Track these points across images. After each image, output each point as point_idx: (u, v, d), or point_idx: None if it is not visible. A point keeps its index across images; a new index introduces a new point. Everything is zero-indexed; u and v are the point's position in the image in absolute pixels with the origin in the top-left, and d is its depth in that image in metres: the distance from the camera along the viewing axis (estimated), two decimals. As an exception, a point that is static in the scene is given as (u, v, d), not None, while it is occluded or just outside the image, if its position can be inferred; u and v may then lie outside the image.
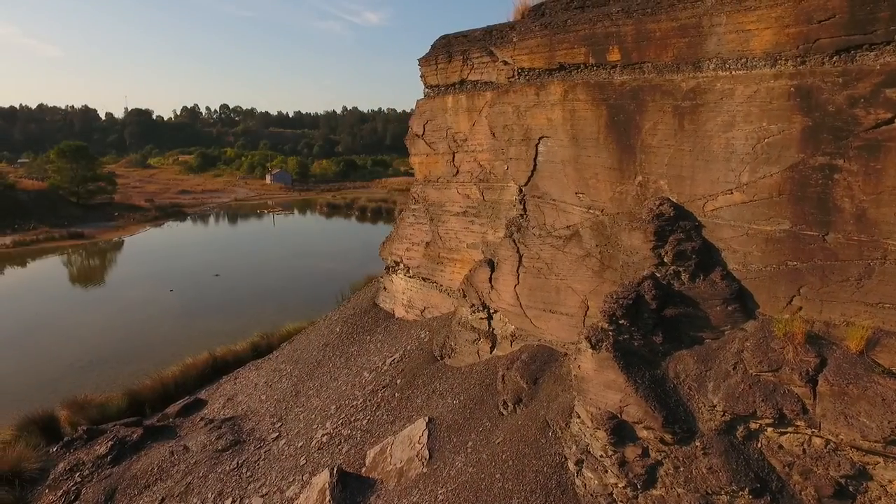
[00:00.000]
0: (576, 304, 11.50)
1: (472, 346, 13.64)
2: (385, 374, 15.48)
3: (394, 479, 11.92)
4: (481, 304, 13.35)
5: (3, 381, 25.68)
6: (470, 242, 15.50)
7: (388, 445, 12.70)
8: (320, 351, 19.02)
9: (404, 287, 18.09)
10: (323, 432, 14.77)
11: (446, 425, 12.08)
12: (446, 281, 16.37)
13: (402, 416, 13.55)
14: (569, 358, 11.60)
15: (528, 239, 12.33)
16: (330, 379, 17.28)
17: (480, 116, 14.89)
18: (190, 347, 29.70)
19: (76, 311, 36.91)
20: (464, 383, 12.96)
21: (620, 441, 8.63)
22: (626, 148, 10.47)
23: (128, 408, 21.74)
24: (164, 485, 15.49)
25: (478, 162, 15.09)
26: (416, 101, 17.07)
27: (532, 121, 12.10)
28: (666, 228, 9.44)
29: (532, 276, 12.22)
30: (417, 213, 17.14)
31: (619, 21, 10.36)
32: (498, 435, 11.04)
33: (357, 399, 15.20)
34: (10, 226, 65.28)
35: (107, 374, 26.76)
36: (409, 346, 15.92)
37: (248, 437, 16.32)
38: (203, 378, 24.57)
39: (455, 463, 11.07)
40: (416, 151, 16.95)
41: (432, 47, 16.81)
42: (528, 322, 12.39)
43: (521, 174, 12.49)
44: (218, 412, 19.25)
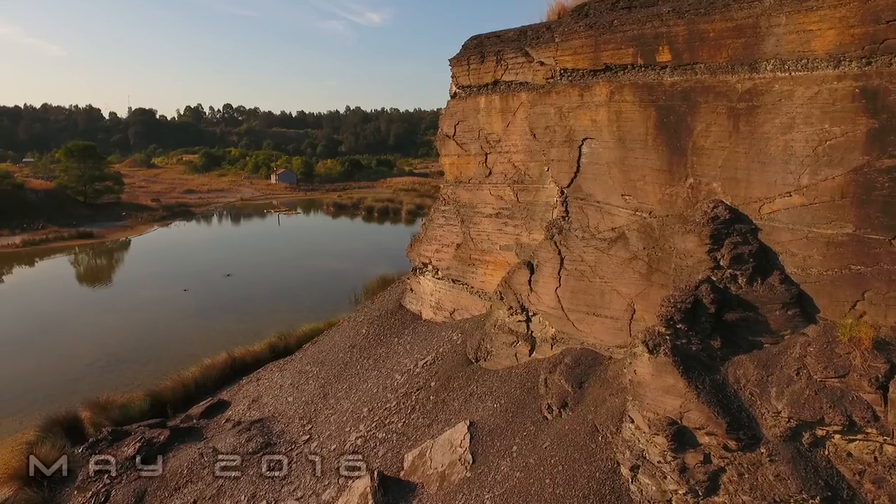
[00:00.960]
0: (621, 307, 11.39)
1: (509, 349, 13.54)
2: (418, 376, 15.38)
3: (435, 483, 11.82)
4: (520, 306, 13.24)
5: (23, 381, 25.63)
6: (503, 244, 15.39)
7: (427, 449, 12.60)
8: (347, 352, 18.93)
9: (432, 289, 17.99)
10: (357, 435, 14.68)
11: (488, 429, 11.98)
12: (478, 283, 16.27)
13: (440, 419, 13.45)
14: (613, 361, 11.51)
15: (571, 241, 12.22)
16: (359, 381, 17.19)
17: (515, 117, 14.78)
18: (206, 348, 29.69)
19: (90, 311, 36.88)
20: (503, 386, 12.86)
21: (681, 447, 8.52)
22: (676, 150, 10.36)
23: (150, 409, 21.69)
24: (195, 487, 15.41)
25: (512, 163, 14.98)
26: (447, 102, 16.98)
27: (575, 122, 12.00)
28: (722, 231, 9.32)
29: (574, 279, 12.11)
30: (447, 214, 17.04)
31: (670, 21, 10.25)
32: (544, 439, 10.94)
33: (390, 402, 15.10)
34: (20, 225, 65.34)
35: (125, 374, 26.71)
36: (441, 349, 15.82)
37: (278, 439, 16.23)
38: (222, 379, 24.56)
39: (500, 467, 10.97)
40: (447, 152, 16.85)
41: (463, 48, 16.71)
42: (569, 325, 12.28)
43: (564, 176, 12.39)
44: (244, 414, 19.17)
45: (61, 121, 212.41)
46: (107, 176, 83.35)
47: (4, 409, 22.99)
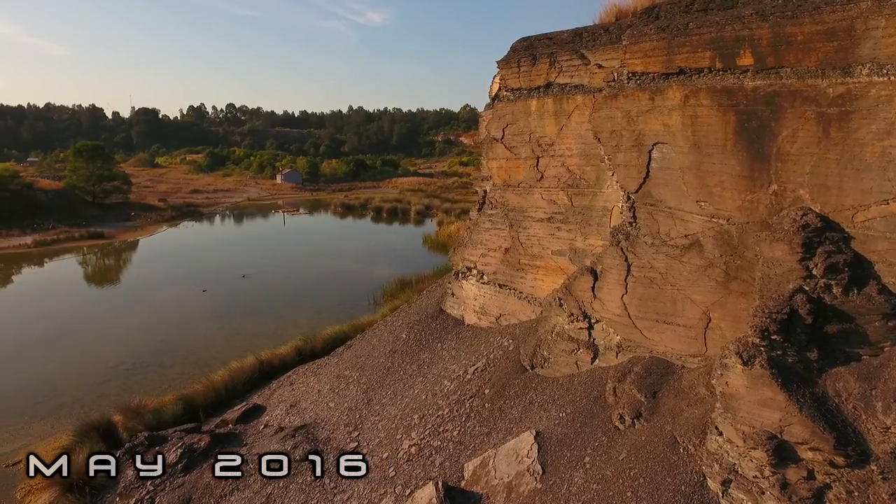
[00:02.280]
0: (695, 315, 11.17)
1: (569, 357, 13.32)
2: (469, 383, 15.17)
3: (502, 494, 11.61)
4: (581, 313, 13.02)
5: (50, 384, 25.42)
6: (555, 249, 15.18)
7: (489, 458, 12.39)
8: (388, 357, 18.71)
9: (476, 293, 17.77)
10: (410, 443, 14.46)
11: (556, 439, 11.76)
12: (527, 288, 16.05)
13: (499, 427, 13.24)
14: (687, 371, 11.29)
15: (639, 247, 12.00)
16: (404, 387, 16.97)
17: (569, 120, 14.57)
18: (230, 350, 29.49)
19: (109, 313, 36.66)
20: (567, 395, 12.64)
21: (781, 462, 8.30)
22: (757, 155, 10.14)
23: (182, 413, 21.46)
24: (243, 495, 15.19)
25: (566, 167, 14.76)
26: (493, 104, 16.77)
27: (645, 126, 11.78)
28: (813, 240, 9.10)
29: (643, 286, 11.89)
30: (494, 218, 16.83)
31: (753, 24, 10.03)
32: (619, 450, 10.72)
33: (442, 409, 14.89)
34: (30, 225, 65.18)
35: (151, 377, 26.51)
36: (491, 355, 15.61)
37: (325, 446, 16.02)
38: (251, 382, 24.36)
39: (574, 479, 10.75)
40: (495, 155, 16.63)
41: (512, 50, 16.51)
42: (637, 333, 12.06)
43: (632, 181, 12.17)
44: (282, 419, 18.96)
45: (64, 120, 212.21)
46: (115, 176, 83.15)
47: (35, 413, 22.79)
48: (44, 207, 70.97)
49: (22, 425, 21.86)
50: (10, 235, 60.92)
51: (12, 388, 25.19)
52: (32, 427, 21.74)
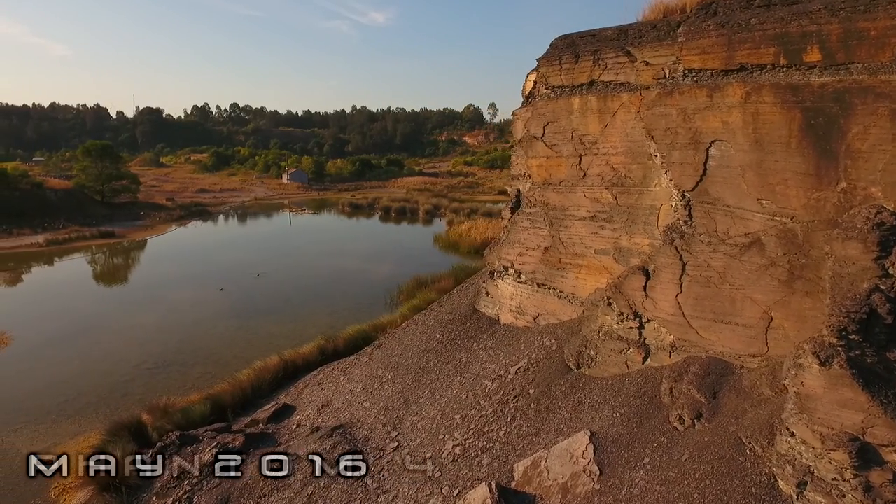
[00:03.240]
0: (755, 314, 11.04)
1: (618, 357, 13.19)
2: (512, 383, 15.04)
3: (556, 495, 11.48)
4: (632, 312, 12.89)
5: (73, 383, 25.33)
6: (598, 248, 15.05)
7: (541, 459, 12.26)
8: (422, 357, 18.59)
9: (512, 292, 17.64)
10: (453, 443, 14.34)
11: (612, 440, 11.63)
12: (568, 287, 15.92)
13: (548, 428, 13.11)
14: (747, 371, 11.16)
15: (695, 246, 11.87)
16: (442, 387, 16.85)
17: (614, 118, 14.45)
18: (251, 350, 29.38)
19: (127, 312, 36.55)
20: (619, 395, 12.51)
21: (864, 464, 8.17)
22: (825, 153, 10.01)
23: (210, 412, 21.35)
24: (283, 495, 15.07)
25: (610, 165, 14.63)
26: (534, 102, 16.64)
27: (702, 124, 11.65)
28: (889, 238, 8.97)
29: (699, 285, 11.76)
30: (533, 216, 16.70)
31: (821, 20, 9.90)
32: (681, 451, 10.59)
33: (485, 409, 14.76)
34: (41, 224, 65.07)
35: (174, 376, 26.39)
36: (533, 355, 15.48)
37: (364, 446, 15.90)
38: (275, 382, 24.23)
39: (635, 480, 10.63)
40: (535, 154, 16.50)
41: (553, 47, 16.39)
42: (692, 332, 11.93)
43: (687, 179, 12.04)
44: (315, 419, 18.86)
45: (69, 120, 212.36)
46: (124, 175, 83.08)
47: (61, 411, 22.69)
48: (53, 206, 70.91)
49: (50, 424, 21.76)
50: (22, 234, 60.87)
51: (37, 386, 25.10)
52: (60, 426, 21.64)
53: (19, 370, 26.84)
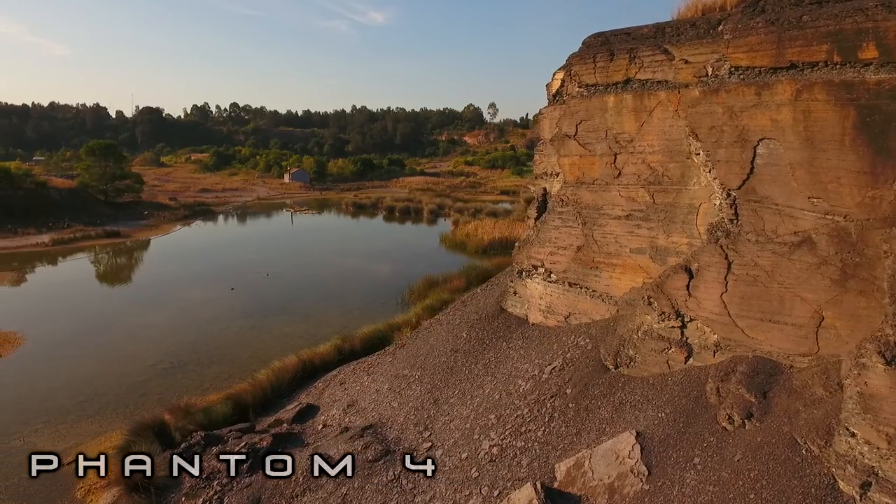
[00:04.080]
0: (805, 314, 10.97)
1: (659, 356, 13.12)
2: (547, 382, 14.95)
3: (603, 495, 11.40)
4: (674, 311, 12.82)
5: (90, 383, 25.20)
6: (634, 247, 14.98)
7: (584, 459, 12.17)
8: (450, 357, 18.50)
9: (542, 292, 17.56)
10: (490, 443, 14.25)
11: (658, 439, 11.56)
12: (601, 286, 15.84)
13: (588, 428, 13.02)
14: (797, 370, 11.09)
15: (741, 245, 11.80)
16: (472, 387, 16.76)
17: (651, 117, 14.38)
18: (265, 349, 29.30)
19: (138, 311, 36.39)
20: (663, 395, 12.43)
21: (933, 464, 8.10)
22: (881, 151, 9.94)
23: (232, 412, 21.23)
24: (316, 496, 14.96)
25: (647, 164, 14.56)
26: (567, 101, 16.56)
27: (750, 122, 11.58)
28: (952, 237, 8.91)
29: (746, 284, 11.69)
30: (565, 216, 16.62)
31: (878, 16, 9.83)
32: (732, 451, 10.51)
33: (521, 409, 14.67)
34: (45, 224, 64.83)
35: (191, 376, 26.28)
36: (568, 354, 15.39)
37: (396, 446, 15.80)
38: (295, 382, 24.10)
39: (686, 480, 10.55)
40: (567, 152, 16.42)
41: (586, 45, 16.32)
42: (738, 332, 11.86)
43: (734, 177, 11.97)
44: (341, 419, 18.75)
45: (69, 119, 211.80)
46: (127, 174, 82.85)
47: (80, 412, 22.55)
48: (57, 206, 70.66)
49: (69, 424, 21.62)
50: (27, 234, 60.63)
51: (53, 386, 24.95)
52: (80, 426, 21.50)
53: (35, 370, 26.68)
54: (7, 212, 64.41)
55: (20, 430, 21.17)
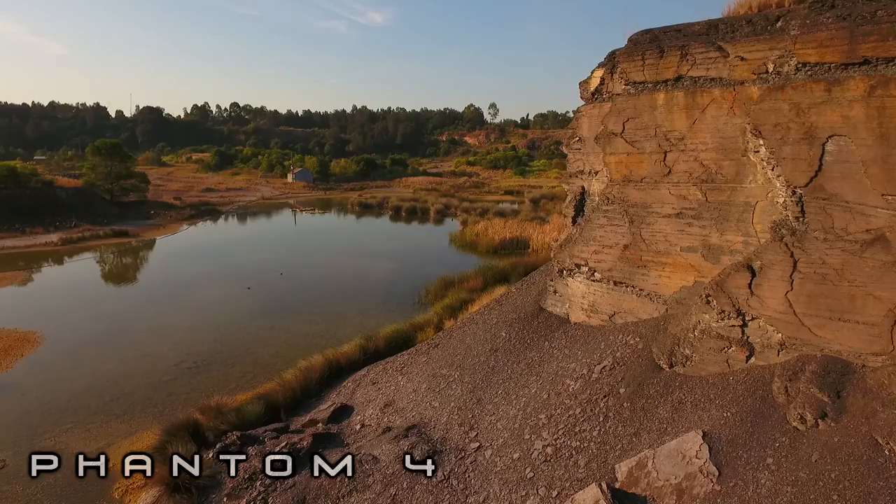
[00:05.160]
0: (879, 312, 10.86)
1: (718, 355, 12.99)
2: (598, 382, 14.82)
3: (671, 496, 11.26)
4: (735, 310, 12.70)
5: (116, 383, 25.00)
6: (685, 246, 14.86)
7: (647, 459, 12.04)
8: (489, 356, 18.35)
9: (584, 291, 17.43)
10: (542, 443, 14.10)
11: (726, 439, 11.43)
12: (649, 285, 15.72)
13: (647, 427, 12.89)
14: (870, 370, 10.97)
15: (808, 243, 11.68)
16: (516, 386, 16.61)
17: (704, 114, 14.27)
18: (287, 349, 29.16)
19: (155, 311, 36.16)
20: (726, 394, 12.30)
21: None
22: (961, 147, 9.84)
23: (264, 412, 21.05)
24: (363, 496, 14.80)
25: (699, 161, 14.45)
26: (613, 99, 16.43)
27: (818, 118, 11.46)
28: None
29: (813, 283, 11.57)
30: (611, 214, 16.49)
31: (959, 12, 9.73)
32: (807, 452, 10.39)
33: (572, 408, 14.53)
34: (52, 223, 64.57)
35: (215, 375, 26.09)
36: (618, 354, 15.26)
37: (442, 446, 15.64)
38: (322, 381, 23.92)
39: (760, 481, 10.42)
40: (613, 150, 16.30)
41: (633, 43, 16.20)
42: (805, 331, 11.74)
43: (800, 175, 11.85)
44: (379, 419, 18.59)
45: (69, 119, 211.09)
46: (133, 174, 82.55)
47: (108, 412, 22.36)
48: (64, 205, 70.38)
49: (99, 424, 21.44)
50: (35, 233, 60.32)
51: (78, 386, 24.75)
52: (110, 426, 21.31)
53: (58, 370, 26.45)
54: (14, 211, 64.13)
55: (50, 429, 20.98)
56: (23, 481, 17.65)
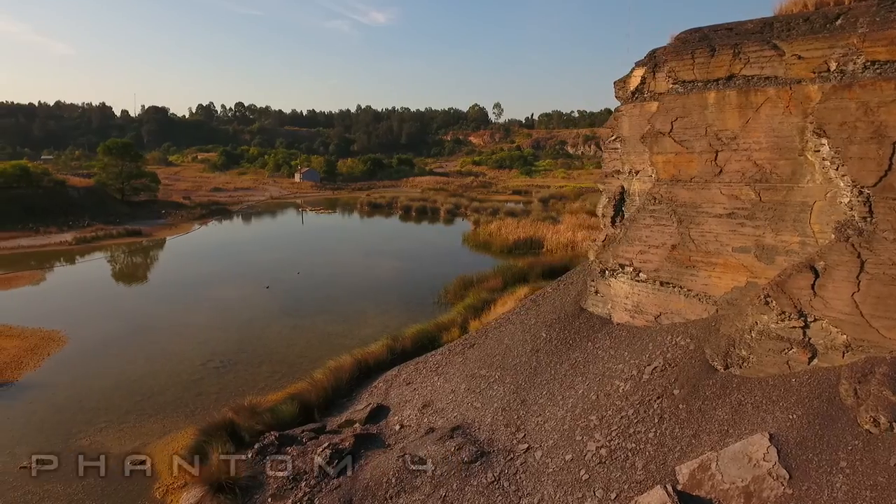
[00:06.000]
0: (952, 314, 10.72)
1: (778, 357, 12.86)
2: (649, 383, 14.69)
3: (738, 499, 11.13)
4: (797, 311, 12.56)
5: (144, 382, 24.94)
6: (737, 246, 14.73)
7: (710, 461, 11.91)
8: (531, 357, 18.24)
9: (628, 291, 17.31)
10: (596, 445, 13.98)
11: (794, 442, 11.30)
12: (698, 286, 15.59)
13: (707, 429, 12.76)
14: (942, 372, 10.83)
15: (876, 243, 11.55)
16: (562, 387, 16.49)
17: (757, 113, 14.14)
18: (312, 349, 29.13)
19: (176, 310, 36.12)
20: (790, 396, 12.17)
21: None
22: None
23: (298, 412, 20.98)
24: (412, 497, 14.69)
25: (752, 161, 14.32)
26: (662, 97, 16.31)
27: (889, 117, 11.33)
28: None
29: (882, 284, 11.44)
30: (658, 214, 16.37)
31: None
32: (885, 455, 10.26)
33: (625, 410, 14.41)
34: (65, 223, 64.61)
35: (244, 376, 26.01)
36: (668, 355, 15.13)
37: (490, 447, 15.52)
38: (352, 382, 23.83)
39: (836, 484, 10.29)
40: (660, 150, 16.18)
41: (681, 40, 16.08)
42: (872, 332, 11.61)
43: (868, 175, 11.72)
44: (418, 419, 18.50)
45: (75, 118, 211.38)
46: (143, 174, 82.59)
47: (140, 411, 22.29)
48: (76, 205, 70.45)
49: (132, 424, 21.37)
50: (49, 232, 60.34)
51: (107, 385, 24.71)
52: (144, 426, 21.24)
53: (85, 369, 26.41)
54: (27, 210, 64.21)
55: (84, 429, 20.92)
56: (63, 480, 17.59)
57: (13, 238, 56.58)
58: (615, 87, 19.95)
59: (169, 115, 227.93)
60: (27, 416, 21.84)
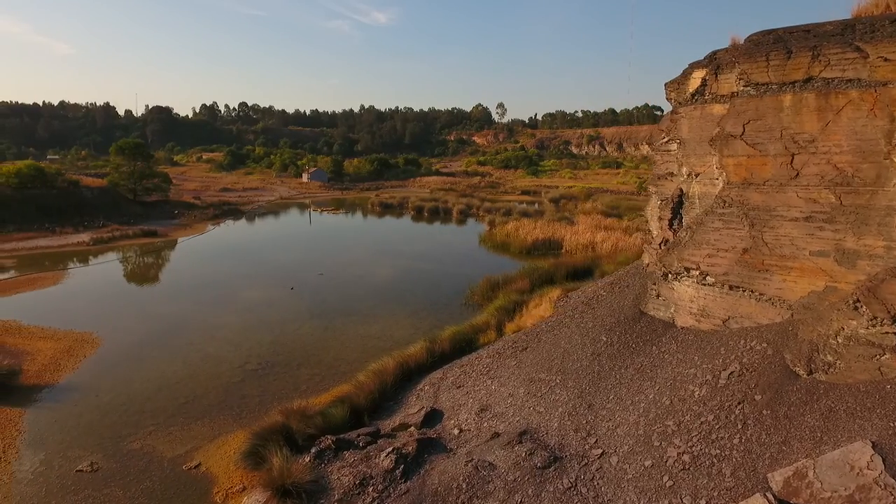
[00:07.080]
0: None
1: (868, 363, 12.71)
2: (727, 388, 14.54)
3: (841, 507, 10.98)
4: (890, 317, 12.42)
5: (185, 384, 24.75)
6: (815, 250, 14.58)
7: (806, 469, 11.76)
8: (592, 361, 18.08)
9: (693, 295, 17.16)
10: (677, 451, 13.82)
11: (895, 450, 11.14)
12: (772, 290, 15.44)
13: (798, 436, 12.61)
14: None
15: (978, 248, 11.40)
16: (630, 392, 16.34)
17: (838, 116, 14.00)
18: (347, 351, 28.95)
19: (205, 311, 35.90)
20: (887, 403, 12.02)
21: None
22: None
23: (349, 416, 20.81)
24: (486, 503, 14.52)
25: (832, 164, 14.17)
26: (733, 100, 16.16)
27: None
28: None
29: (984, 289, 11.29)
30: (727, 217, 16.22)
31: None
32: None
33: (704, 415, 14.25)
34: (80, 223, 64.36)
35: (284, 378, 25.83)
36: (744, 360, 14.98)
37: (562, 453, 15.37)
38: (396, 384, 23.69)
39: (949, 493, 10.14)
40: (731, 153, 16.03)
41: (754, 43, 15.94)
42: (973, 338, 11.46)
43: (969, 178, 11.57)
44: (477, 423, 18.35)
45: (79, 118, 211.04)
46: (155, 174, 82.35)
47: (186, 414, 22.10)
48: (89, 205, 70.21)
49: (180, 427, 21.18)
50: (65, 233, 60.10)
51: (148, 388, 24.51)
52: (192, 429, 21.06)
53: (123, 371, 26.20)
54: (42, 211, 64.00)
55: (133, 432, 20.74)
56: (121, 484, 17.43)
57: (31, 238, 56.35)
58: (667, 88, 19.83)
59: (173, 115, 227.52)
60: (74, 418, 21.65)
